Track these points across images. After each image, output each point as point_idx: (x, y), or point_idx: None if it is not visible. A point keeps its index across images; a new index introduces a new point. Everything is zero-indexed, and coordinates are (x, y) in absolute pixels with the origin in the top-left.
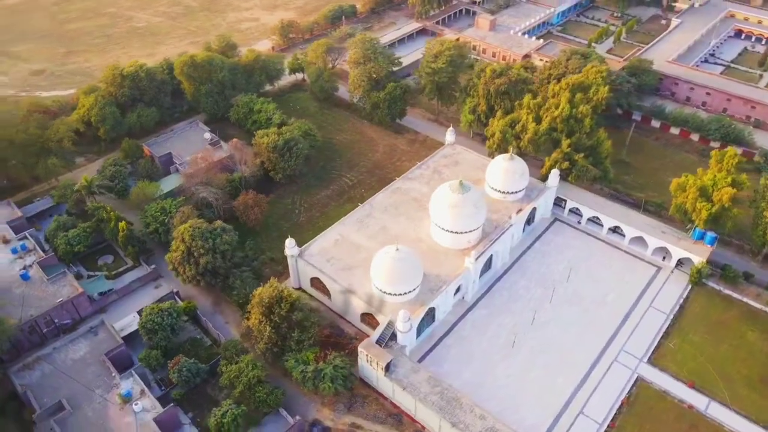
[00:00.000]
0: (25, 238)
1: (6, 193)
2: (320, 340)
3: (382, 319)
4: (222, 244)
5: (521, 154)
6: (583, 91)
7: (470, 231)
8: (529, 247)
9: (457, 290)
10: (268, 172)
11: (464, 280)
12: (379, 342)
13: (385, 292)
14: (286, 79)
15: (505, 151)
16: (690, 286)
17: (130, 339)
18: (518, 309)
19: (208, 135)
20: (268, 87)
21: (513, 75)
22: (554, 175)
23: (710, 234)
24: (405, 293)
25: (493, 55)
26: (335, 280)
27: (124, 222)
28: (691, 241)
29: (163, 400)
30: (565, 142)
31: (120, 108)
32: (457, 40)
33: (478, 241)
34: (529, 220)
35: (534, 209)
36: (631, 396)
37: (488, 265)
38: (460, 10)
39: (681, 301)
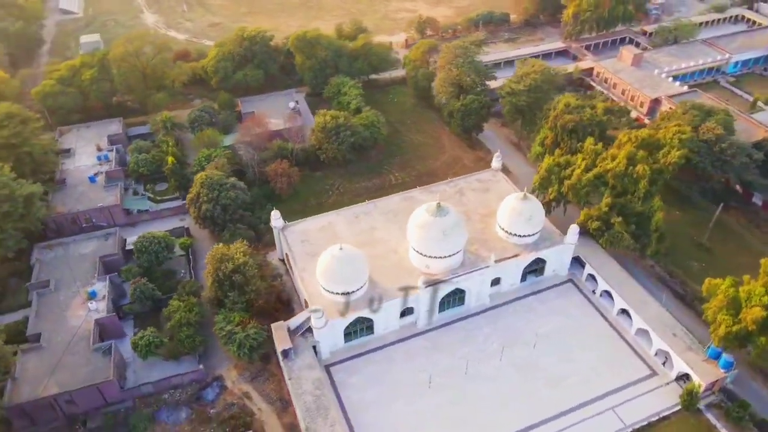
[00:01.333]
0: (111, 150)
1: (127, 113)
2: (258, 308)
3: (309, 310)
4: (225, 198)
5: (563, 200)
6: (652, 149)
7: (434, 256)
8: (520, 298)
9: (408, 312)
10: (317, 150)
11: (415, 303)
12: (296, 329)
13: (323, 287)
14: (401, 72)
15: (546, 190)
16: (679, 408)
17: (131, 254)
18: (462, 354)
19: (292, 104)
20: (375, 75)
21: (586, 115)
22: (573, 231)
23: (727, 357)
24: (338, 293)
25: (622, 93)
26: (296, 262)
27: (172, 158)
28: (702, 357)
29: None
30: (605, 200)
31: (234, 65)
32: (580, 72)
33: (445, 269)
34: (537, 271)
35: (543, 262)
36: None
37: (461, 300)
38: (623, 38)
39: (654, 419)
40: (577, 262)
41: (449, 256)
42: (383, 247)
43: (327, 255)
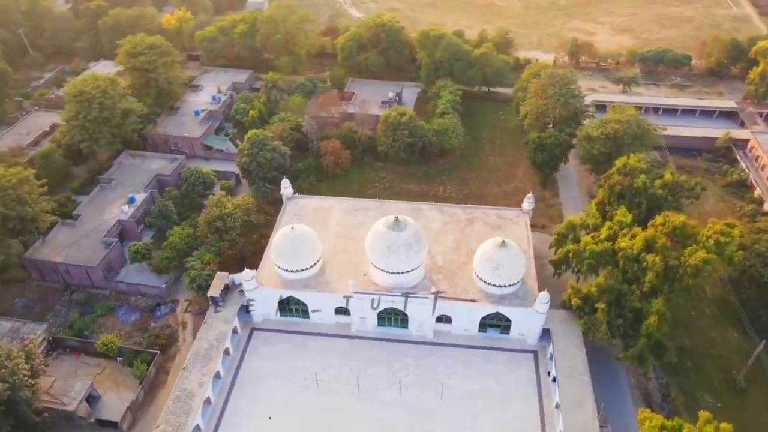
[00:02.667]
0: (225, 95)
1: (264, 68)
2: (230, 256)
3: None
4: (261, 157)
5: (567, 265)
6: (685, 241)
7: (378, 267)
8: (468, 347)
9: (345, 312)
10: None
11: (350, 306)
12: (237, 285)
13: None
14: None
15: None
16: None
17: None
18: (372, 372)
19: (391, 94)
20: (500, 89)
21: (639, 182)
22: (542, 299)
23: None
24: (282, 268)
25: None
26: (276, 231)
27: (254, 113)
28: None
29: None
30: (599, 280)
31: (359, 47)
32: (728, 141)
33: (390, 284)
34: (502, 328)
35: (509, 321)
36: None
37: (403, 322)
38: None
39: None
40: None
41: (394, 272)
42: (357, 244)
43: (281, 232)
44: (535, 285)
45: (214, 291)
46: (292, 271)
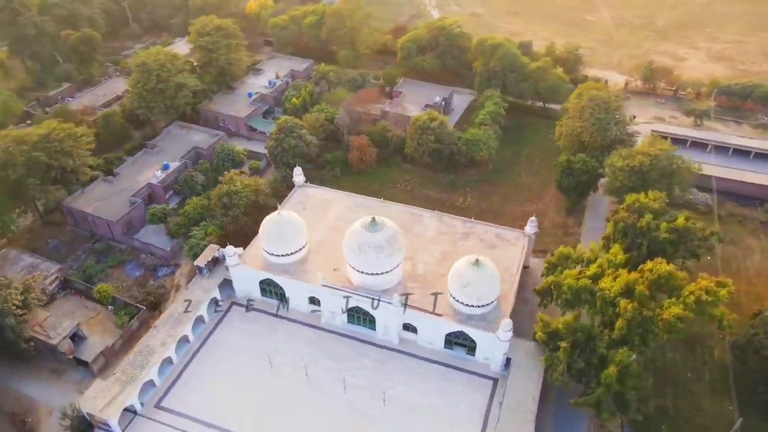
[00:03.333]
0: (280, 81)
1: (323, 61)
2: (231, 232)
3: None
4: (285, 143)
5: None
6: (670, 291)
7: (350, 265)
8: (429, 360)
9: (316, 302)
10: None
11: (321, 298)
12: (224, 258)
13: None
14: None
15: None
16: None
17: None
18: (326, 364)
19: (437, 99)
20: (556, 105)
21: (643, 222)
22: (505, 326)
23: None
24: (266, 251)
25: None
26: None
27: (296, 100)
28: None
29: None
30: (568, 318)
31: (418, 48)
32: None
33: (359, 283)
34: (468, 349)
35: (474, 343)
36: None
37: (371, 323)
38: None
39: None
40: None
41: (364, 272)
42: (338, 240)
43: (269, 216)
44: (510, 310)
45: (201, 261)
46: (274, 254)
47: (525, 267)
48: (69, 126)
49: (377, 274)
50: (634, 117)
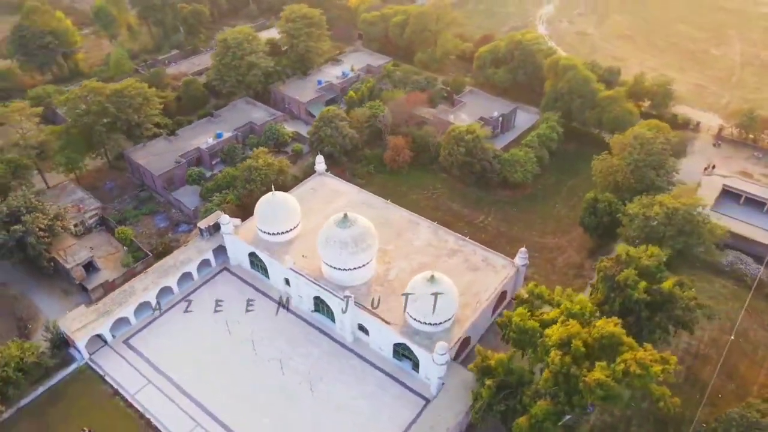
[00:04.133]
0: (350, 73)
1: (402, 60)
2: (244, 204)
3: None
4: (322, 132)
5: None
6: (612, 355)
7: (321, 254)
8: (372, 365)
9: (288, 282)
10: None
11: (291, 280)
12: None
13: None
14: None
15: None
16: None
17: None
18: (268, 344)
19: (495, 114)
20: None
21: (621, 277)
22: (440, 349)
23: None
24: (258, 227)
25: None
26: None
27: (353, 93)
28: None
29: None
30: (504, 354)
31: (493, 60)
32: None
33: (325, 274)
34: (414, 364)
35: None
36: None
37: (331, 315)
38: None
39: None
40: None
41: (330, 265)
42: None
43: (264, 196)
44: (461, 334)
45: (203, 223)
46: (263, 231)
47: (513, 299)
48: (142, 86)
49: (341, 269)
50: (713, 167)
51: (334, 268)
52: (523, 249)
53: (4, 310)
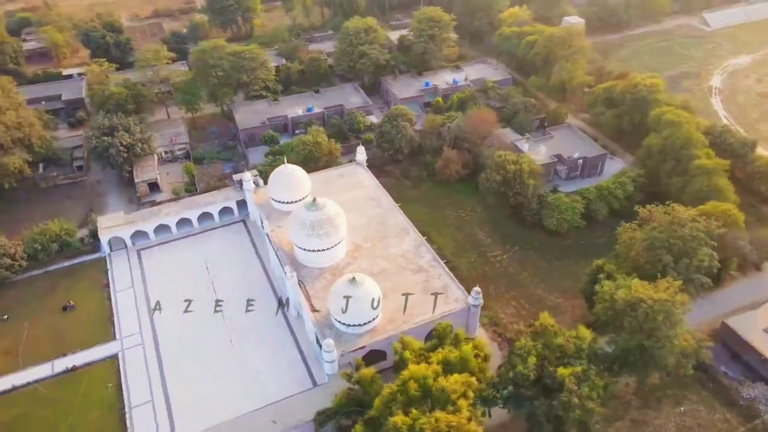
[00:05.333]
0: (461, 81)
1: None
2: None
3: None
4: (383, 127)
5: None
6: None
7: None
8: (295, 341)
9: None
10: None
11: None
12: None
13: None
14: None
15: None
16: None
17: None
18: (231, 294)
19: (577, 154)
20: None
21: (519, 347)
22: (327, 348)
23: None
24: (271, 196)
25: None
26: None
27: (440, 100)
28: None
29: None
30: (367, 374)
31: (605, 99)
32: None
33: (292, 251)
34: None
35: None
36: None
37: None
38: None
39: None
40: None
41: (295, 243)
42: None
43: (279, 167)
44: (368, 342)
45: (238, 177)
46: (272, 198)
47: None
48: (259, 52)
49: (303, 248)
50: None
51: (298, 246)
52: (476, 289)
53: (86, 199)
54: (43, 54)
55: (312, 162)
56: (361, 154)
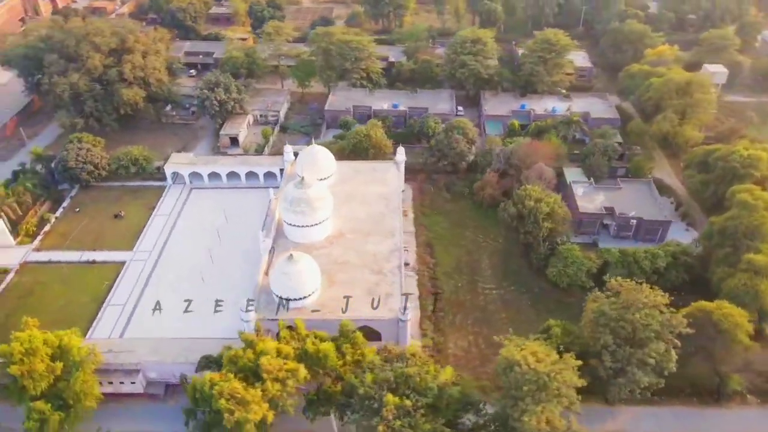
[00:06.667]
0: (562, 111)
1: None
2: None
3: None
4: (439, 135)
5: None
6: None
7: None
8: None
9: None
10: None
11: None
12: None
13: None
14: None
15: None
16: None
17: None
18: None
19: (633, 213)
20: None
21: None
22: (243, 309)
23: None
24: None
25: None
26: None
27: (515, 122)
28: None
29: None
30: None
31: (702, 167)
32: None
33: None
34: None
35: None
36: None
37: None
38: None
39: None
40: None
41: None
42: (350, 205)
43: (308, 147)
44: (284, 317)
45: (287, 148)
46: (297, 173)
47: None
48: (367, 45)
49: (287, 222)
50: None
51: (283, 218)
52: (404, 305)
53: (186, 139)
54: (228, 19)
55: (361, 152)
56: (400, 155)
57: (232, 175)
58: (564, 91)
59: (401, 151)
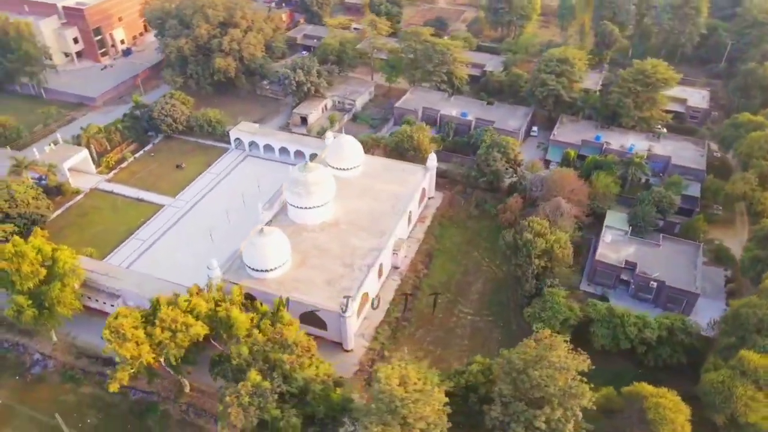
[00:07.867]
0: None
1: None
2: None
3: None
4: (479, 154)
5: None
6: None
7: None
8: None
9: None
10: None
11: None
12: None
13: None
14: None
15: None
16: None
17: None
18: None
19: (656, 274)
20: None
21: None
22: (211, 266)
23: None
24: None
25: None
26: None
27: (571, 150)
28: None
29: None
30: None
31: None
32: None
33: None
34: None
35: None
36: None
37: None
38: None
39: None
40: None
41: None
42: (362, 201)
43: (340, 136)
44: (247, 285)
45: (329, 134)
46: (326, 160)
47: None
48: (454, 49)
49: (287, 201)
50: None
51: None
52: (345, 302)
53: (269, 111)
54: (358, 9)
55: (401, 151)
56: (431, 160)
57: (284, 150)
58: (663, 129)
59: (433, 157)
